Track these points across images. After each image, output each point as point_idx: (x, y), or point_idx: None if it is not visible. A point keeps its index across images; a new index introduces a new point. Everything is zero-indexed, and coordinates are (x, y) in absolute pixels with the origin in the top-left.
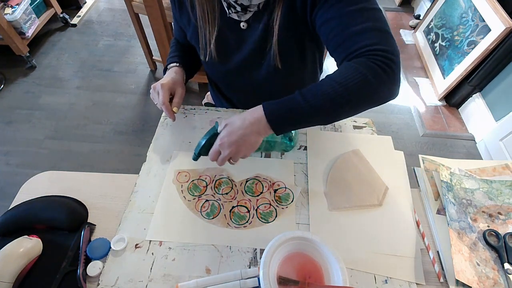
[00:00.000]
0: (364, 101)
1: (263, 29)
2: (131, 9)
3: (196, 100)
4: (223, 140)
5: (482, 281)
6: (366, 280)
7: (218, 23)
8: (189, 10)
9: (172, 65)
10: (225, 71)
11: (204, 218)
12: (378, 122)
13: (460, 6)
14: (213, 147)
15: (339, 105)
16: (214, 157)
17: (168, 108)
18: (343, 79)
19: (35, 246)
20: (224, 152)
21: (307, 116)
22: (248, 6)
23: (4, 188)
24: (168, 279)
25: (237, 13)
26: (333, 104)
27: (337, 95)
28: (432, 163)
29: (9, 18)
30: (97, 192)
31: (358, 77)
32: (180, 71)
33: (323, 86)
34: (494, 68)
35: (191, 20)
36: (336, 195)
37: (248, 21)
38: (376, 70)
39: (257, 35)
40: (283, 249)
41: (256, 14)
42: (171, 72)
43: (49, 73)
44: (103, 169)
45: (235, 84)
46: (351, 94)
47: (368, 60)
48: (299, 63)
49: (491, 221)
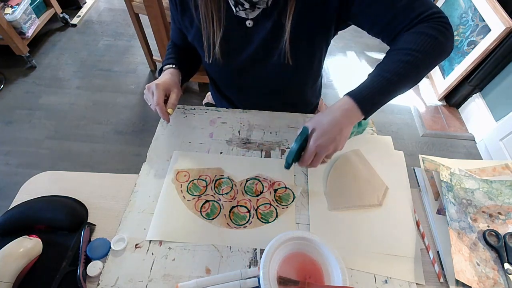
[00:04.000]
0: (438, 58)
1: (272, 27)
2: (131, 9)
3: (196, 100)
4: (319, 141)
5: (482, 281)
6: (366, 280)
7: (224, 23)
8: (192, 11)
9: (168, 66)
10: (228, 70)
11: (204, 218)
12: (378, 122)
13: (460, 6)
14: (308, 151)
15: (420, 68)
16: (309, 161)
17: (162, 109)
18: (416, 45)
19: (35, 246)
20: (322, 153)
21: (396, 88)
22: (257, 2)
23: (4, 188)
24: (168, 279)
25: (245, 11)
26: (415, 68)
27: (417, 59)
28: (432, 163)
29: (9, 18)
30: (97, 192)
31: (429, 40)
32: (175, 73)
33: (399, 57)
34: (494, 68)
35: (194, 21)
36: (336, 195)
37: (254, 19)
38: (440, 30)
39: (265, 33)
40: (283, 249)
41: (264, 12)
42: (166, 73)
43: (49, 73)
44: (103, 169)
45: (238, 83)
46: (428, 55)
47: (429, 24)
48: (307, 60)
49: (491, 221)
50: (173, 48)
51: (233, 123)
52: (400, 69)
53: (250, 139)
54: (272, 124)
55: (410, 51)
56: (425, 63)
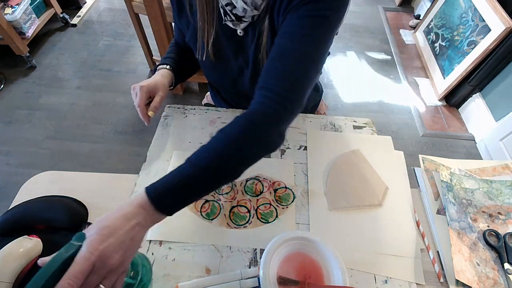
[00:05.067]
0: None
1: (257, 39)
2: (131, 9)
3: (196, 100)
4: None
5: (482, 281)
6: (366, 280)
7: (217, 24)
8: (187, 12)
9: (162, 67)
10: (222, 75)
11: (204, 218)
12: (378, 122)
13: (460, 6)
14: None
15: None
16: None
17: (143, 111)
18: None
19: (35, 246)
20: (104, 267)
21: (197, 182)
22: (243, 17)
23: (4, 188)
24: (168, 279)
25: (232, 22)
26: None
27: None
28: (432, 163)
29: (9, 18)
30: (97, 192)
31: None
32: (167, 74)
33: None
34: (494, 68)
35: (190, 22)
36: (336, 195)
37: (245, 29)
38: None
39: (255, 44)
40: (283, 249)
41: (251, 25)
42: (157, 73)
43: (49, 73)
44: (103, 169)
45: (232, 88)
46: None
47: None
48: None
49: (491, 221)
50: (173, 47)
51: None
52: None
53: None
54: None
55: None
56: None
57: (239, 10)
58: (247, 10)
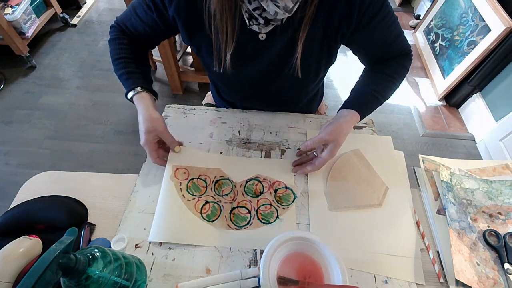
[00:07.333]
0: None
1: (285, 42)
2: None
3: (196, 100)
4: (334, 153)
5: (482, 281)
6: (366, 280)
7: (237, 33)
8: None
9: (134, 92)
10: (235, 80)
11: (205, 220)
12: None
13: (460, 6)
14: (323, 161)
15: (394, 91)
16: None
17: (163, 164)
18: (397, 74)
19: (35, 246)
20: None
21: (380, 104)
22: (272, 20)
23: (4, 188)
24: (168, 279)
25: (258, 25)
26: (393, 91)
27: (396, 85)
28: (432, 163)
29: (9, 18)
30: (97, 192)
31: (405, 71)
32: (148, 100)
33: (387, 83)
34: (494, 68)
35: (205, 36)
36: (336, 195)
37: (267, 33)
38: (409, 63)
39: (278, 48)
40: (283, 249)
41: (278, 27)
42: (140, 106)
43: (49, 73)
44: (103, 169)
45: (243, 92)
46: (400, 82)
47: (405, 58)
48: (314, 74)
49: (491, 221)
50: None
51: (233, 123)
52: (386, 93)
53: (250, 139)
54: (272, 124)
55: (393, 79)
56: (397, 87)
57: (269, 13)
58: (278, 13)
